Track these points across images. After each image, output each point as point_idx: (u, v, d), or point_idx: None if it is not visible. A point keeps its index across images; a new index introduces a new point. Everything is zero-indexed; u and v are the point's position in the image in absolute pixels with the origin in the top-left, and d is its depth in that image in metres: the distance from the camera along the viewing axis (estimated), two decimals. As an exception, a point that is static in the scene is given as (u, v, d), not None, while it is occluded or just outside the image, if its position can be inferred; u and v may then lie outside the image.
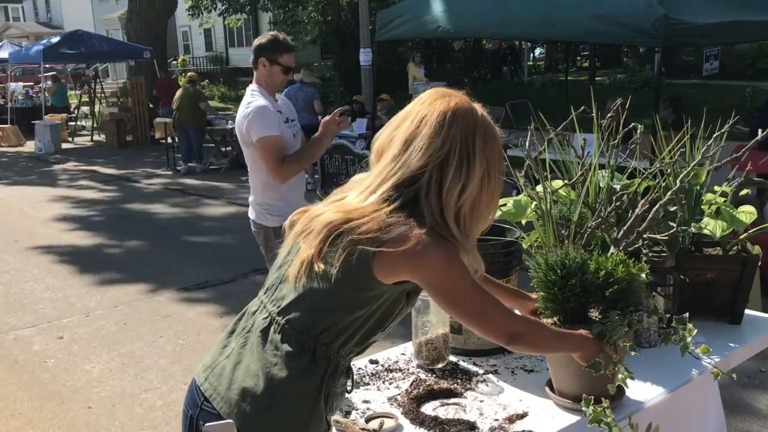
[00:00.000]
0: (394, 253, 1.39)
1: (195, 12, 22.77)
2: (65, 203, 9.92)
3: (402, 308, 1.53)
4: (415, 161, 1.44)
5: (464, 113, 1.47)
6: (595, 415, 1.53)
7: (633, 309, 1.71)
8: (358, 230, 1.40)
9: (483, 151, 1.45)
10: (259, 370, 1.47)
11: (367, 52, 11.16)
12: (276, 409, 1.45)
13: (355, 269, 1.41)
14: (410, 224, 1.40)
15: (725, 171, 2.26)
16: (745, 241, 2.24)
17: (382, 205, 1.43)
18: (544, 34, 7.77)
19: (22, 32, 38.98)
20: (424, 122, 1.46)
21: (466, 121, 1.46)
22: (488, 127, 1.49)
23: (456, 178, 1.43)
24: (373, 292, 1.44)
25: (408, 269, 1.42)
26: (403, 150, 1.46)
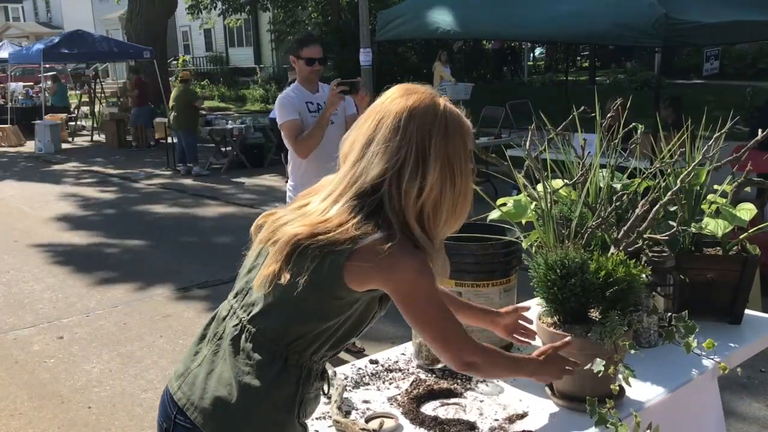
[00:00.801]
0: (364, 266, 1.37)
1: (194, 12, 22.77)
2: (65, 203, 9.92)
3: (375, 312, 1.51)
4: (374, 168, 1.40)
5: (422, 111, 1.42)
6: (601, 416, 1.53)
7: (633, 309, 1.71)
8: (327, 243, 1.38)
9: (443, 148, 1.41)
10: (232, 379, 1.45)
11: (367, 52, 11.15)
12: (250, 418, 1.44)
13: (325, 280, 1.39)
14: (379, 235, 1.37)
15: (725, 171, 2.26)
16: (745, 241, 2.24)
17: (348, 217, 1.39)
18: (544, 35, 7.77)
19: (22, 32, 38.98)
20: (380, 125, 1.42)
21: (423, 120, 1.41)
22: (451, 123, 1.44)
23: (412, 179, 1.39)
24: (345, 300, 1.43)
25: (380, 280, 1.40)
26: (361, 155, 1.43)
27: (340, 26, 20.00)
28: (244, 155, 11.79)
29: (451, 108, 1.47)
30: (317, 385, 1.52)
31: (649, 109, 6.24)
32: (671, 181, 2.13)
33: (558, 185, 2.07)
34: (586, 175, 2.01)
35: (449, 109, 1.46)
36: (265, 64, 28.64)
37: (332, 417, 1.76)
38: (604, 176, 2.11)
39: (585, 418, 1.66)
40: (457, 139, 1.43)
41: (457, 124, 1.45)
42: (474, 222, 2.28)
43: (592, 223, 1.94)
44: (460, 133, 1.45)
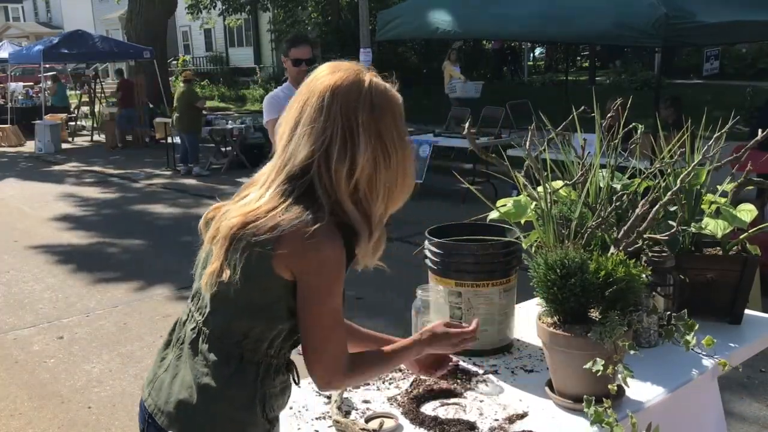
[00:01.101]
0: (288, 252, 1.35)
1: (194, 11, 22.77)
2: (65, 203, 9.92)
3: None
4: (301, 150, 1.39)
5: (346, 89, 1.39)
6: (597, 415, 1.53)
7: (633, 309, 1.71)
8: (255, 232, 1.36)
9: (370, 124, 1.38)
10: (192, 382, 1.46)
11: (367, 52, 11.15)
12: (211, 419, 1.44)
13: (254, 270, 1.38)
14: (305, 218, 1.35)
15: (725, 171, 2.26)
16: (745, 241, 2.24)
17: (279, 201, 1.38)
18: (545, 35, 7.77)
19: (22, 32, 38.99)
20: (305, 106, 1.40)
21: (347, 97, 1.38)
22: (377, 98, 1.41)
23: (341, 159, 1.37)
24: (279, 291, 1.41)
25: (297, 264, 1.37)
26: (289, 138, 1.41)
27: (340, 26, 20.02)
28: (244, 155, 11.79)
29: (377, 83, 1.43)
30: (281, 379, 1.51)
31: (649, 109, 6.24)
32: (671, 181, 2.13)
33: (558, 185, 2.07)
34: (586, 175, 2.01)
35: (375, 84, 1.42)
36: (265, 64, 28.64)
37: (332, 417, 1.76)
38: (604, 176, 2.11)
39: (585, 418, 1.66)
40: (387, 114, 1.41)
41: (384, 99, 1.42)
42: (474, 222, 2.28)
43: (592, 223, 1.94)
44: (389, 107, 1.42)
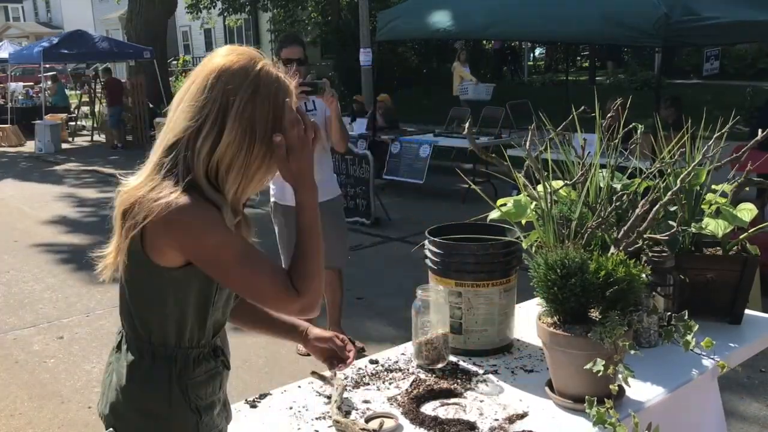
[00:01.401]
0: (149, 227, 1.34)
1: (194, 11, 22.76)
2: (65, 203, 9.92)
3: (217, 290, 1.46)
4: (179, 123, 1.39)
5: (233, 72, 1.38)
6: (599, 415, 1.53)
7: (633, 309, 1.71)
8: (131, 213, 1.36)
9: (247, 110, 1.37)
10: (116, 383, 1.49)
11: (367, 52, 11.17)
12: (136, 418, 1.47)
13: (133, 257, 1.39)
14: (163, 199, 1.33)
15: (725, 171, 2.26)
16: (745, 241, 2.24)
17: (148, 179, 1.38)
18: (545, 35, 7.78)
19: (22, 32, 39.00)
20: (192, 83, 1.41)
21: (231, 79, 1.37)
22: (263, 86, 1.39)
23: (208, 137, 1.36)
24: (162, 278, 1.40)
25: (167, 241, 1.35)
26: (173, 114, 1.42)
27: (340, 26, 20.00)
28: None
29: (268, 70, 1.41)
30: (207, 367, 1.50)
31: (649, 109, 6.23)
32: (671, 181, 2.13)
33: (558, 185, 2.07)
34: (586, 175, 2.01)
35: (265, 71, 1.41)
36: (265, 64, 28.57)
37: (332, 417, 1.76)
38: (604, 176, 2.11)
39: (585, 418, 1.66)
40: (266, 102, 1.39)
41: (269, 86, 1.40)
42: (474, 222, 2.29)
43: (592, 223, 1.94)
44: (273, 96, 1.40)
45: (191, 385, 1.47)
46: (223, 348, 1.57)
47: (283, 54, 4.11)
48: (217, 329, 1.53)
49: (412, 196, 9.12)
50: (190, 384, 1.47)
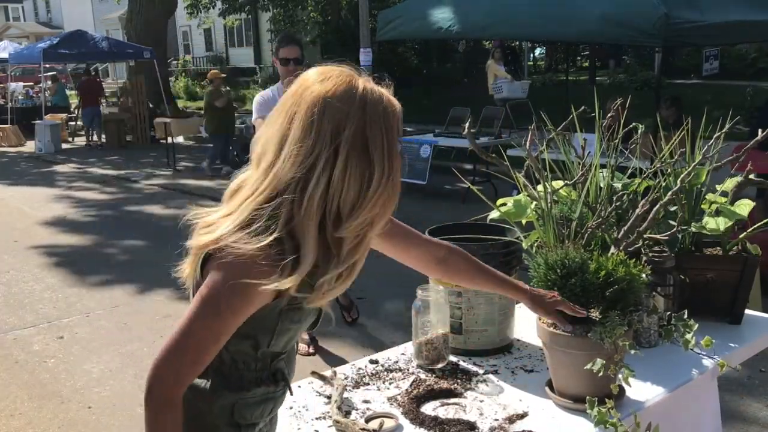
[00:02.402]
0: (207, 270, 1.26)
1: (193, 11, 22.76)
2: (65, 203, 9.92)
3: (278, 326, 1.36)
4: (287, 173, 1.24)
5: (337, 100, 1.24)
6: (600, 416, 1.53)
7: (633, 309, 1.71)
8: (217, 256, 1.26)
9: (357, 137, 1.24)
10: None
11: (367, 52, 11.16)
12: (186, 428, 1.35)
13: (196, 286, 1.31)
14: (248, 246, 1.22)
15: (725, 171, 2.26)
16: (745, 241, 2.24)
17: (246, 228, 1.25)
18: (545, 35, 7.78)
19: (22, 32, 39.01)
20: (294, 120, 1.26)
21: (338, 110, 1.24)
22: (370, 107, 1.26)
23: (320, 181, 1.23)
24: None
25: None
26: (275, 157, 1.26)
27: (340, 26, 20.01)
28: (245, 154, 11.78)
29: (372, 89, 1.28)
30: (263, 390, 1.42)
31: (649, 109, 6.24)
32: (671, 181, 2.13)
33: (558, 185, 2.07)
34: (586, 175, 2.01)
35: (369, 91, 1.28)
36: (265, 64, 28.62)
37: (332, 417, 1.76)
38: (604, 176, 2.11)
39: (585, 418, 1.66)
40: (376, 125, 1.26)
41: (377, 108, 1.27)
42: (474, 222, 2.29)
43: (592, 223, 1.94)
44: (383, 117, 1.27)
45: (239, 405, 1.40)
46: (286, 371, 1.48)
47: (281, 54, 4.20)
48: (277, 356, 1.44)
49: (412, 196, 9.11)
50: (239, 403, 1.40)
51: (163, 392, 1.26)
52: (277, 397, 1.48)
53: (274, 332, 1.37)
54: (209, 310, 1.25)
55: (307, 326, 1.45)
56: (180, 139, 14.84)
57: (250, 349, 1.38)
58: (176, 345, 1.25)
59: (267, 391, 1.44)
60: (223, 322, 1.25)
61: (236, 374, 1.39)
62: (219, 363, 1.38)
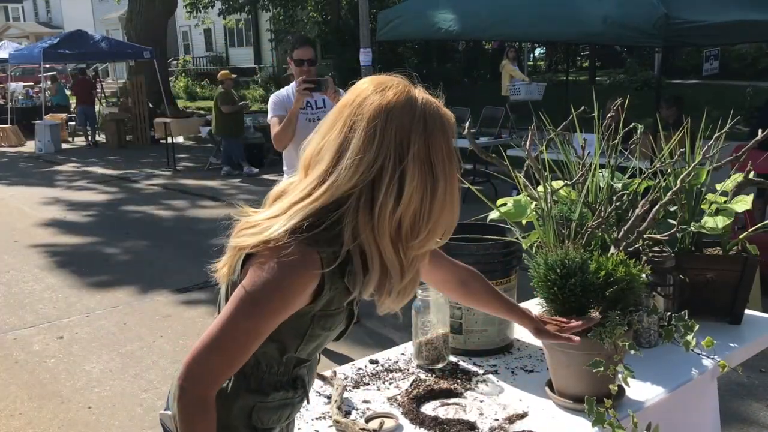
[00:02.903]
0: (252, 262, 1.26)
1: (193, 11, 22.76)
2: (65, 203, 9.92)
3: (309, 331, 1.35)
4: (346, 183, 1.23)
5: (399, 111, 1.24)
6: (598, 416, 1.53)
7: (633, 309, 1.71)
8: (258, 256, 1.26)
9: (421, 149, 1.24)
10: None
11: (367, 52, 11.16)
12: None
13: (233, 283, 1.32)
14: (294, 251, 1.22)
15: (725, 171, 2.26)
16: (745, 241, 2.24)
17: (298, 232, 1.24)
18: (545, 35, 7.78)
19: (22, 32, 39.00)
20: (354, 130, 1.24)
21: (401, 121, 1.24)
22: (430, 118, 1.26)
23: (389, 193, 1.22)
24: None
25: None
26: (332, 165, 1.25)
27: (340, 26, 20.01)
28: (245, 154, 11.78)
29: (429, 101, 1.29)
30: (281, 395, 1.42)
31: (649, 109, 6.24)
32: (671, 181, 2.13)
33: (558, 185, 2.07)
34: (586, 175, 2.01)
35: (428, 102, 1.28)
36: (265, 64, 28.63)
37: (332, 417, 1.76)
38: (604, 176, 2.11)
39: (585, 418, 1.66)
40: (438, 135, 1.27)
41: (437, 120, 1.27)
42: (474, 222, 2.29)
43: (592, 223, 1.94)
44: (442, 128, 1.28)
45: (258, 408, 1.40)
46: (306, 379, 1.48)
47: (296, 55, 4.34)
48: (301, 362, 1.44)
49: (412, 196, 9.12)
50: (258, 406, 1.40)
51: (198, 392, 1.26)
52: (295, 404, 1.47)
53: (303, 337, 1.36)
54: (250, 310, 1.24)
55: (336, 335, 1.44)
56: (180, 139, 14.85)
57: (275, 353, 1.38)
58: (213, 344, 1.25)
59: (286, 396, 1.43)
60: (264, 321, 1.25)
61: (257, 376, 1.39)
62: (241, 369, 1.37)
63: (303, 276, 1.24)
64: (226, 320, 1.25)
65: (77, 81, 16.71)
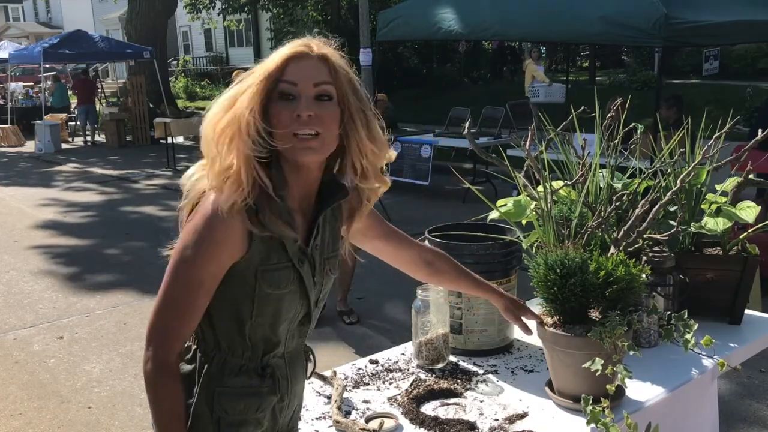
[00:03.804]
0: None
1: (194, 12, 22.75)
2: (65, 203, 9.92)
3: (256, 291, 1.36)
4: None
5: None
6: (593, 415, 1.53)
7: (633, 309, 1.71)
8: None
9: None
10: None
11: (367, 52, 11.16)
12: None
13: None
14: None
15: (725, 171, 2.26)
16: (745, 241, 2.24)
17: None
18: (545, 35, 7.79)
19: (22, 32, 39.00)
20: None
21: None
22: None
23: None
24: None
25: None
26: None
27: (340, 26, 19.99)
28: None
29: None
30: (245, 382, 1.41)
31: (649, 109, 6.24)
32: (671, 181, 2.13)
33: (558, 185, 2.07)
34: (586, 175, 2.01)
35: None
36: (264, 64, 28.56)
37: (332, 417, 1.76)
38: (604, 176, 2.11)
39: (585, 418, 1.66)
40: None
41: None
42: (474, 222, 2.29)
43: (592, 223, 1.94)
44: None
45: (219, 393, 1.39)
46: (280, 373, 1.46)
47: None
48: (269, 348, 1.43)
49: (413, 195, 9.12)
50: (218, 391, 1.39)
51: (160, 357, 1.32)
52: (264, 395, 1.43)
53: (254, 299, 1.37)
54: (186, 258, 1.32)
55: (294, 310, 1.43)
56: (180, 139, 14.83)
57: (234, 325, 1.39)
58: (162, 302, 1.33)
59: (249, 383, 1.41)
60: (201, 268, 1.32)
61: (220, 358, 1.40)
62: (204, 345, 1.40)
63: (224, 222, 1.30)
64: (169, 275, 1.33)
65: (79, 81, 16.89)
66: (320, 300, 1.51)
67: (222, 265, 1.33)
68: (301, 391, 1.58)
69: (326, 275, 1.50)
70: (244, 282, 1.36)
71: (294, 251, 1.38)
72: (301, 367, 1.54)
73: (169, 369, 1.33)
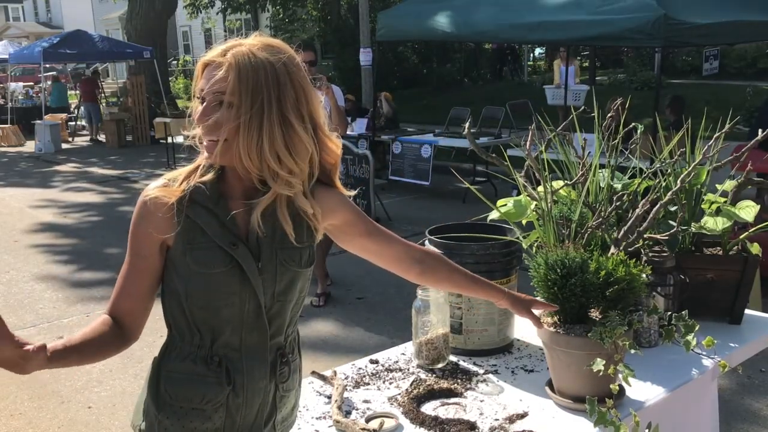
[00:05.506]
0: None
1: (193, 11, 22.75)
2: (65, 203, 9.92)
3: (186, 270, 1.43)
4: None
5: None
6: (600, 415, 1.53)
7: (633, 309, 1.71)
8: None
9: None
10: None
11: (367, 52, 11.17)
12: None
13: None
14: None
15: (725, 171, 2.26)
16: (745, 241, 2.24)
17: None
18: (544, 36, 7.79)
19: (22, 32, 38.98)
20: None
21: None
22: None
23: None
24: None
25: None
26: None
27: (340, 26, 20.00)
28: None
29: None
30: (190, 368, 1.44)
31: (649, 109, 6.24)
32: (671, 181, 2.13)
33: (558, 185, 2.07)
34: (586, 175, 2.01)
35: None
36: (265, 63, 28.53)
37: (332, 417, 1.76)
38: (604, 176, 2.12)
39: (585, 418, 1.66)
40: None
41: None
42: (474, 222, 2.29)
43: (592, 223, 1.94)
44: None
45: (165, 376, 1.46)
46: (230, 365, 1.44)
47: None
48: (216, 335, 1.44)
49: (413, 195, 9.12)
50: (164, 374, 1.47)
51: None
52: (209, 385, 1.43)
53: (184, 278, 1.43)
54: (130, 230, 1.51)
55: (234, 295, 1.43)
56: (180, 139, 14.81)
57: (177, 309, 1.46)
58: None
59: (194, 370, 1.44)
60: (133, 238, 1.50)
61: (170, 343, 1.50)
62: (169, 330, 1.50)
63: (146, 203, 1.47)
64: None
65: (83, 80, 17.28)
66: (279, 293, 1.46)
67: (151, 238, 1.47)
68: (264, 392, 1.48)
69: (282, 265, 1.45)
70: (178, 261, 1.44)
71: (215, 232, 1.42)
72: (263, 365, 1.48)
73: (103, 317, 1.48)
